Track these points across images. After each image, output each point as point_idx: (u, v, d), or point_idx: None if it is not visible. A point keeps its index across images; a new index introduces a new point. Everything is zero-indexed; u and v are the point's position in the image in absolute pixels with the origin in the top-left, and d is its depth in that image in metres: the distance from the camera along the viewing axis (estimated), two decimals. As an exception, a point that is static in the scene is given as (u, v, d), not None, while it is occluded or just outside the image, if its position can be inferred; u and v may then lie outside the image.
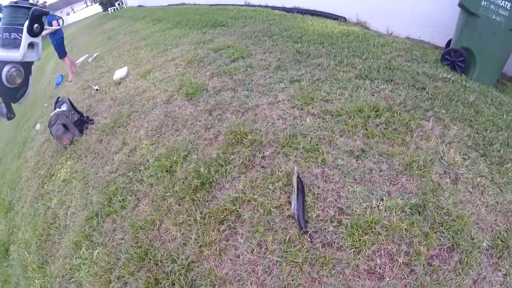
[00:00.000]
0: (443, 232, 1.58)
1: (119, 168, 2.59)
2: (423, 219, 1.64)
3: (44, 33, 6.92)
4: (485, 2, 2.95)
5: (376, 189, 1.79)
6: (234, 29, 5.14)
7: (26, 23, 2.81)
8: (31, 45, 2.97)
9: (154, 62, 4.63)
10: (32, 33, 2.90)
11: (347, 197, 1.76)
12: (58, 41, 6.58)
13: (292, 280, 1.48)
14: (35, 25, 2.91)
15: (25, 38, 2.86)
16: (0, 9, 2.92)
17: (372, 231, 1.57)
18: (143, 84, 3.98)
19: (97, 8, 27.83)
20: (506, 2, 2.82)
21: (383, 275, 1.46)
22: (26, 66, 3.10)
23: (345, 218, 1.65)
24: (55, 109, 3.68)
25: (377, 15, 4.78)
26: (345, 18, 5.26)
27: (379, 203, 1.71)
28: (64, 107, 3.56)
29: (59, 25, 6.54)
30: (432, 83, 2.84)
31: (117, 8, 21.89)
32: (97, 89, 4.69)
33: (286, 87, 2.88)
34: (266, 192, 1.87)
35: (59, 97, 3.85)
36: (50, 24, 6.48)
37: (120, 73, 4.74)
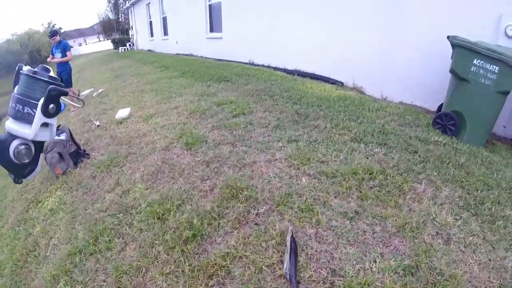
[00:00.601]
0: (436, 292, 1.56)
1: (110, 208, 2.54)
2: (416, 280, 1.61)
3: (54, 60, 6.96)
4: (475, 68, 3.14)
5: (369, 251, 1.78)
6: (237, 86, 5.37)
7: (41, 101, 2.53)
8: (45, 124, 2.68)
9: (158, 107, 4.77)
10: (46, 113, 2.60)
11: (340, 259, 1.74)
12: (68, 71, 6.66)
13: None
14: (51, 106, 2.60)
15: (39, 118, 2.57)
16: (20, 69, 2.70)
17: (365, 294, 1.53)
18: (144, 128, 4.06)
19: (108, 45, 29.20)
20: (494, 67, 3.00)
21: None
22: (37, 144, 2.78)
23: (338, 280, 1.62)
24: (53, 136, 3.70)
25: (373, 81, 5.10)
26: (342, 82, 5.58)
27: (372, 264, 1.69)
28: (62, 136, 3.59)
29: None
30: (424, 146, 2.96)
31: (127, 49, 23.03)
32: (98, 125, 4.76)
33: (284, 146, 2.96)
34: (259, 249, 1.84)
35: (59, 125, 3.88)
36: (64, 53, 6.52)
37: (123, 112, 4.86)
